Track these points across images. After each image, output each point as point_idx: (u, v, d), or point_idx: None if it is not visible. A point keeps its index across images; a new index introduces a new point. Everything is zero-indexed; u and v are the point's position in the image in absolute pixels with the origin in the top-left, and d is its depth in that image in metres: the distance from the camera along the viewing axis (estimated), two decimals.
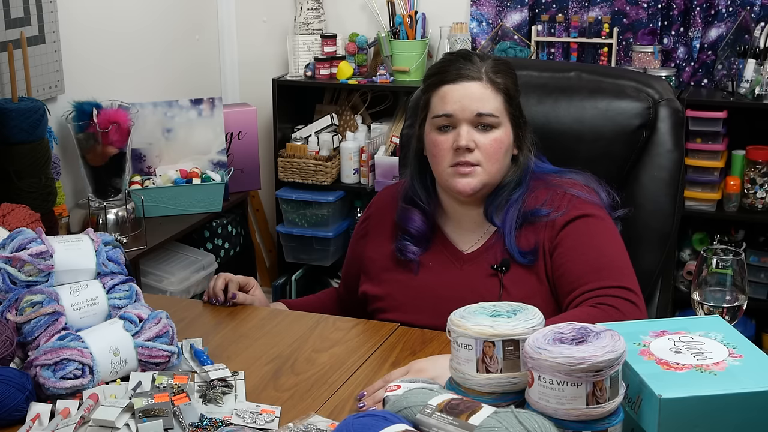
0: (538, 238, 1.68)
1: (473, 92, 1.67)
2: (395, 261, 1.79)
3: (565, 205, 1.69)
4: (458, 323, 1.22)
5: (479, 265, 1.72)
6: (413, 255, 1.77)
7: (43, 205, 2.54)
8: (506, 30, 3.47)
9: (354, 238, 1.94)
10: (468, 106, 1.67)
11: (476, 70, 1.68)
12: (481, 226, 1.76)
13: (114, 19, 3.17)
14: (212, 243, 3.26)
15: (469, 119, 1.67)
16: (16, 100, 2.52)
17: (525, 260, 1.68)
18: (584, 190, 1.72)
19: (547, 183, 1.74)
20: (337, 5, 3.72)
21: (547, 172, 1.76)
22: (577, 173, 1.77)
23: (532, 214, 1.70)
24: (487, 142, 1.67)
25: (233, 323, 1.76)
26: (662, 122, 1.87)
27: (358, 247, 1.91)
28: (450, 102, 1.68)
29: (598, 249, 1.65)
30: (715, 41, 3.27)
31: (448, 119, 1.68)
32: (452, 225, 1.79)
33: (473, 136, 1.67)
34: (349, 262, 1.94)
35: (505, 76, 1.71)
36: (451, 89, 1.68)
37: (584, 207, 1.69)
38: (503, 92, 1.69)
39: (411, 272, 1.77)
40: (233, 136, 3.41)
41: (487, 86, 1.68)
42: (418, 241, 1.77)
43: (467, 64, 1.69)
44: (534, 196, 1.72)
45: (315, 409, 1.40)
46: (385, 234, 1.83)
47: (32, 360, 1.41)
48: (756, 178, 3.18)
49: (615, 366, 1.09)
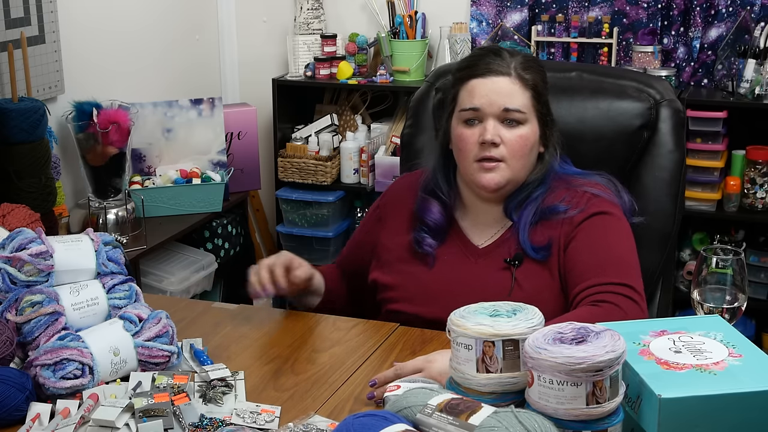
0: (554, 234, 1.68)
1: (501, 87, 1.67)
2: (411, 252, 1.78)
3: (584, 202, 1.70)
4: (458, 323, 1.22)
5: (493, 259, 1.73)
6: (430, 248, 1.76)
7: (43, 205, 2.54)
8: (506, 30, 3.47)
9: (368, 221, 1.92)
10: (495, 101, 1.67)
11: (505, 66, 1.68)
12: (498, 222, 1.76)
13: (114, 19, 3.17)
14: (212, 243, 3.26)
15: (496, 114, 1.67)
16: (16, 100, 2.52)
17: (538, 255, 1.68)
18: (605, 191, 1.73)
19: (569, 183, 1.74)
20: (337, 5, 3.72)
21: (570, 174, 1.76)
22: (600, 175, 1.77)
23: (550, 210, 1.70)
24: (512, 138, 1.67)
25: (233, 323, 1.76)
26: (663, 122, 1.87)
27: (373, 231, 1.88)
28: (478, 96, 1.68)
29: (608, 246, 1.65)
30: (715, 41, 3.27)
31: (474, 113, 1.68)
32: (470, 219, 1.79)
33: (499, 131, 1.67)
34: (359, 244, 1.92)
35: (534, 73, 1.70)
36: (479, 83, 1.68)
37: (603, 205, 1.70)
38: (531, 88, 1.69)
39: (426, 265, 1.76)
40: (233, 136, 3.41)
41: (515, 82, 1.68)
42: (435, 234, 1.77)
43: (496, 59, 1.69)
44: (553, 195, 1.72)
45: (315, 409, 1.40)
46: (401, 223, 1.82)
47: (32, 360, 1.41)
48: (756, 178, 3.18)
49: (615, 366, 1.09)
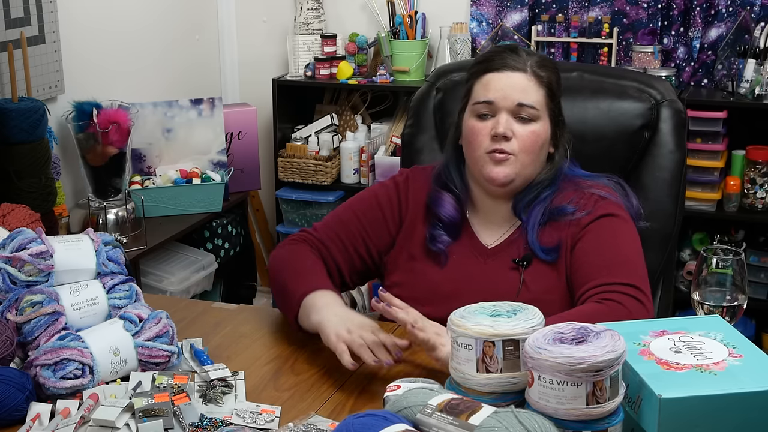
0: (562, 235, 1.69)
1: (516, 82, 1.68)
2: (424, 249, 1.77)
3: (591, 204, 1.70)
4: (458, 323, 1.22)
5: (501, 259, 1.73)
6: (443, 246, 1.75)
7: (43, 205, 2.54)
8: (506, 30, 3.47)
9: (386, 197, 1.81)
10: (510, 95, 1.67)
11: (521, 62, 1.69)
12: (507, 221, 1.76)
13: (114, 19, 3.17)
14: (212, 243, 3.26)
15: (509, 108, 1.67)
16: (16, 100, 2.52)
17: (547, 257, 1.68)
18: (613, 194, 1.73)
19: (577, 185, 1.74)
20: (337, 5, 3.72)
21: (578, 176, 1.76)
22: (609, 178, 1.77)
23: (558, 211, 1.70)
24: (524, 134, 1.67)
25: (233, 323, 1.76)
26: (664, 123, 1.87)
27: (392, 217, 1.80)
28: (492, 90, 1.68)
29: (614, 247, 1.65)
30: (715, 41, 3.27)
31: (488, 106, 1.68)
32: (480, 218, 1.78)
33: (512, 126, 1.67)
34: (369, 223, 1.80)
35: (549, 72, 1.71)
36: (494, 77, 1.69)
37: (610, 207, 1.70)
38: (546, 86, 1.70)
39: (438, 264, 1.75)
40: (233, 136, 3.41)
41: (531, 78, 1.68)
42: (449, 230, 1.76)
43: (513, 55, 1.70)
44: (562, 196, 1.72)
45: (315, 409, 1.40)
46: (418, 217, 1.80)
47: (32, 360, 1.41)
48: (756, 178, 3.18)
49: (615, 366, 1.09)
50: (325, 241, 1.78)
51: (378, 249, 1.81)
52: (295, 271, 1.70)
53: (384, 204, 1.82)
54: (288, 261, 1.74)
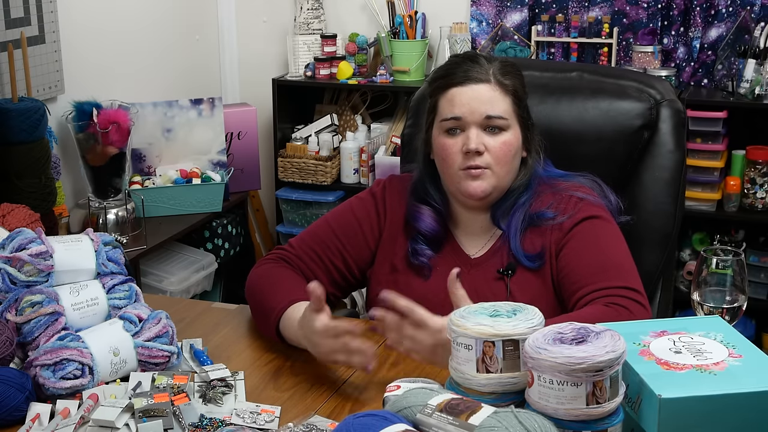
0: (545, 241, 1.67)
1: (482, 94, 1.65)
2: (406, 262, 1.75)
3: (571, 208, 1.68)
4: (458, 323, 1.22)
5: (486, 269, 1.71)
6: (426, 260, 1.73)
7: (43, 205, 2.54)
8: (506, 30, 3.47)
9: (363, 210, 1.81)
10: (477, 109, 1.64)
11: (484, 72, 1.66)
12: (488, 231, 1.74)
13: (114, 19, 3.17)
14: (212, 243, 3.26)
15: (478, 122, 1.65)
16: (16, 100, 2.52)
17: (532, 264, 1.67)
18: (591, 194, 1.71)
19: (554, 187, 1.72)
20: (337, 5, 3.72)
21: (554, 177, 1.75)
22: (584, 176, 1.75)
23: (538, 216, 1.68)
24: (496, 146, 1.65)
25: (233, 323, 1.76)
26: (664, 123, 1.87)
27: (370, 231, 1.79)
28: (458, 105, 1.65)
29: (604, 250, 1.64)
30: (715, 41, 3.27)
31: (456, 122, 1.66)
32: (461, 229, 1.76)
33: (482, 139, 1.64)
34: (352, 230, 1.79)
35: (513, 78, 1.69)
36: (459, 92, 1.66)
37: (591, 209, 1.68)
38: (512, 94, 1.67)
39: (421, 277, 1.73)
40: (233, 136, 3.41)
41: (495, 88, 1.66)
42: (432, 243, 1.74)
43: (474, 65, 1.67)
44: (540, 200, 1.71)
45: (315, 409, 1.40)
46: (398, 229, 1.78)
47: (32, 360, 1.41)
48: (756, 178, 3.18)
49: (615, 366, 1.09)
50: (302, 257, 1.76)
51: (357, 263, 1.78)
52: (269, 288, 1.68)
53: (361, 217, 1.80)
54: (263, 278, 1.71)
